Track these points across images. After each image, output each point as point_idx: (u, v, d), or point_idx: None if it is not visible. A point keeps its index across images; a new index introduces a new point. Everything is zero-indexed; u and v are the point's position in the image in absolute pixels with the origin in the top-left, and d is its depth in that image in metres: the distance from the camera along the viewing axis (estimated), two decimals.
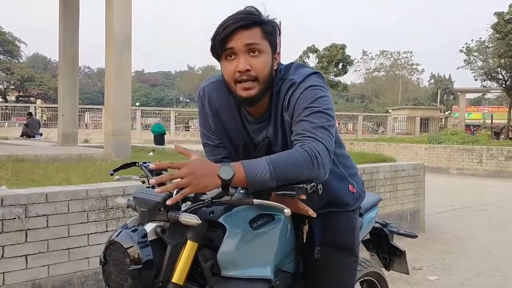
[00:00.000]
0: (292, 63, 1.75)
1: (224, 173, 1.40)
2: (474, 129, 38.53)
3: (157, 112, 38.64)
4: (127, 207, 1.66)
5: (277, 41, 1.68)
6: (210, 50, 1.65)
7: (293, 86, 1.63)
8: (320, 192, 1.48)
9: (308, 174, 1.48)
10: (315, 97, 1.60)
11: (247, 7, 1.64)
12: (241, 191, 1.46)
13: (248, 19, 1.58)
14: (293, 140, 1.58)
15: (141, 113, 34.78)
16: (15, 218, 2.89)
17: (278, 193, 1.47)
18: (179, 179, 1.38)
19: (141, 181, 1.81)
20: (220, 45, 1.59)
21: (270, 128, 1.72)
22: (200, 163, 1.41)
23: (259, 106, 1.70)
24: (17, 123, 30.98)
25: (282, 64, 1.73)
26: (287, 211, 1.42)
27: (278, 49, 1.68)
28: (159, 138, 19.53)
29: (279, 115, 1.68)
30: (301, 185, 1.46)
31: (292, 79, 1.65)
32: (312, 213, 1.60)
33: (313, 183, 1.47)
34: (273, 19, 1.65)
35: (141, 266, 1.37)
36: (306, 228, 1.80)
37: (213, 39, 1.61)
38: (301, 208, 1.64)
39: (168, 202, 1.39)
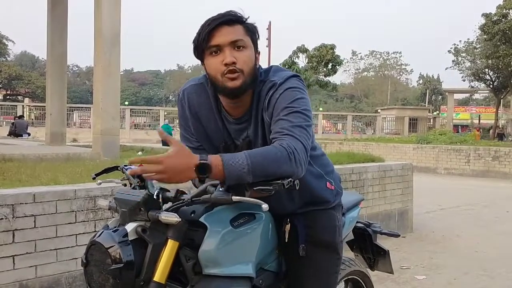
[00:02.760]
0: (271, 66, 1.80)
1: (202, 170, 1.41)
2: (469, 129, 38.39)
3: (146, 111, 38.46)
4: (109, 209, 1.67)
5: (257, 42, 1.73)
6: (194, 50, 1.68)
7: (274, 87, 1.68)
8: (297, 188, 1.52)
9: (285, 170, 1.50)
10: (294, 98, 1.64)
11: (227, 11, 1.68)
12: (220, 189, 1.47)
13: (231, 16, 1.64)
14: (271, 138, 1.62)
15: (130, 112, 34.59)
16: (2, 219, 2.86)
17: (255, 188, 1.49)
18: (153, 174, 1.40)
19: (122, 184, 1.81)
20: (205, 41, 1.62)
21: (251, 129, 1.76)
22: (177, 159, 1.41)
23: (240, 106, 1.73)
24: (4, 122, 30.68)
25: (262, 68, 1.77)
26: (265, 206, 1.45)
27: (258, 50, 1.73)
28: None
29: (259, 115, 1.72)
30: (278, 181, 1.48)
31: (273, 80, 1.69)
32: None
33: (290, 179, 1.49)
34: (253, 23, 1.71)
35: (122, 265, 1.38)
36: (288, 227, 1.83)
37: (197, 39, 1.65)
38: None
39: (129, 171, 1.42)
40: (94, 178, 1.82)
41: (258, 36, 1.72)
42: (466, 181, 13.38)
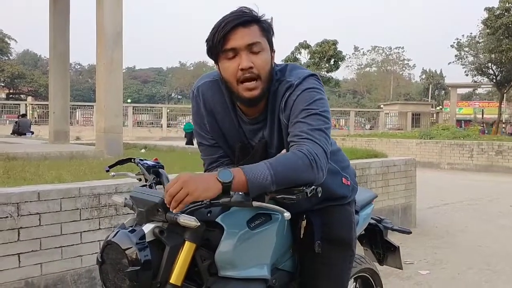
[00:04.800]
0: (286, 64, 1.74)
1: (223, 176, 1.37)
2: (482, 125, 37.51)
3: (148, 108, 38.50)
4: (124, 206, 1.65)
5: (272, 40, 1.67)
6: (208, 51, 1.62)
7: (291, 88, 1.63)
8: (319, 195, 1.48)
9: (307, 177, 1.48)
10: (313, 99, 1.60)
11: (240, 7, 1.62)
12: (240, 193, 1.44)
13: (247, 16, 1.58)
14: (289, 141, 1.58)
15: (133, 110, 34.62)
16: (7, 217, 2.88)
17: (278, 196, 1.46)
18: (180, 193, 1.34)
19: (137, 179, 1.79)
20: (220, 44, 1.57)
21: (266, 129, 1.72)
22: (194, 175, 1.38)
23: (256, 107, 1.69)
24: (7, 121, 30.76)
25: (277, 65, 1.72)
26: (287, 214, 1.41)
27: (273, 49, 1.68)
28: (189, 136, 19.58)
29: (275, 116, 1.68)
30: (301, 189, 1.45)
31: (290, 81, 1.64)
32: None
33: (312, 186, 1.46)
34: (267, 19, 1.65)
35: (139, 267, 1.37)
36: (304, 223, 1.81)
37: (211, 39, 1.59)
38: None
39: (174, 209, 1.36)
40: (107, 171, 1.81)
41: (273, 33, 1.67)
42: (470, 176, 13.35)
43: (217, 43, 1.57)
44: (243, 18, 1.57)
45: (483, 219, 7.11)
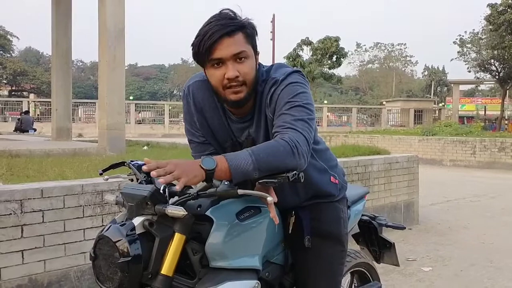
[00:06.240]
0: (272, 65, 1.80)
1: (206, 163, 1.43)
2: (493, 122, 36.89)
3: (151, 105, 38.50)
4: (116, 204, 1.68)
5: (257, 43, 1.72)
6: (194, 57, 1.67)
7: (276, 84, 1.69)
8: (301, 180, 1.54)
9: (289, 163, 1.53)
10: (296, 93, 1.66)
11: (223, 10, 1.66)
12: (226, 183, 1.49)
13: (231, 25, 1.61)
14: (274, 132, 1.64)
15: (135, 107, 34.61)
16: (10, 214, 2.89)
17: (260, 181, 1.52)
18: (173, 173, 1.40)
19: (129, 179, 1.82)
20: (207, 54, 1.61)
21: (253, 127, 1.78)
22: (181, 160, 1.47)
23: (244, 107, 1.74)
24: (10, 118, 30.81)
25: (264, 67, 1.77)
26: (270, 199, 1.47)
27: (258, 51, 1.73)
28: None
29: (262, 113, 1.74)
30: (283, 174, 1.51)
31: (275, 77, 1.71)
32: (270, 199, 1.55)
33: (294, 171, 1.52)
34: (250, 20, 1.68)
35: (130, 258, 1.40)
36: (292, 219, 1.86)
37: (197, 46, 1.63)
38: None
39: (161, 181, 1.38)
40: (101, 174, 1.84)
41: (257, 33, 1.71)
42: (472, 173, 13.34)
43: (203, 52, 1.62)
44: (228, 28, 1.60)
45: (486, 216, 7.11)
